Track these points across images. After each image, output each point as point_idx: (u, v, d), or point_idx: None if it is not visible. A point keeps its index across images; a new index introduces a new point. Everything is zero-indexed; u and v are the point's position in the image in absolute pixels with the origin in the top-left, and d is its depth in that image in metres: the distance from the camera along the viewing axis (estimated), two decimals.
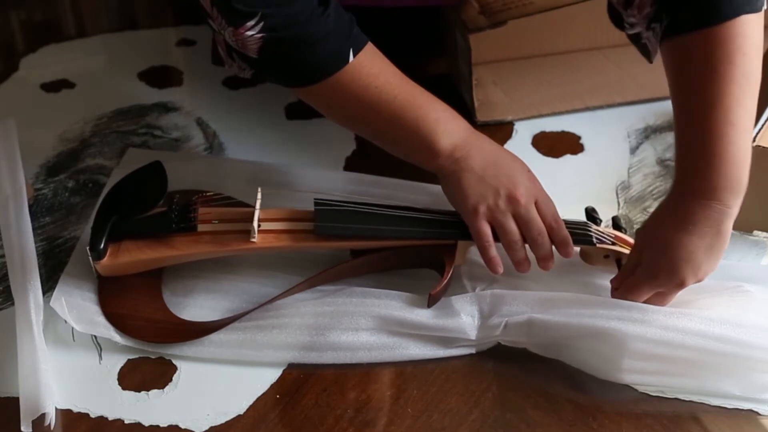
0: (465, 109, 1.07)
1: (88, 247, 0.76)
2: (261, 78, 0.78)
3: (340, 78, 0.75)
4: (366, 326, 0.75)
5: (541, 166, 0.99)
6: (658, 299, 0.74)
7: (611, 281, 0.77)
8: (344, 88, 0.76)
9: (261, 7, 0.70)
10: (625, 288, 0.75)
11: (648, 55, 0.79)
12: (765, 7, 0.73)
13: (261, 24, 0.70)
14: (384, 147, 0.81)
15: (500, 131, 1.05)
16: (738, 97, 0.69)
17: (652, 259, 0.73)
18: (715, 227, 0.70)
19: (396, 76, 0.77)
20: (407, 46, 1.16)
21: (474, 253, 0.79)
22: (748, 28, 0.70)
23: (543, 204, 0.77)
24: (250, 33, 0.71)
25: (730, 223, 0.71)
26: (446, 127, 0.77)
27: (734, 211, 0.71)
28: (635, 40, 0.80)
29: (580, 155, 1.02)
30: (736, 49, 0.69)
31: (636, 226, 0.88)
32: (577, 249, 0.80)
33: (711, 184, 0.69)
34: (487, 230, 0.75)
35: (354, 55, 0.75)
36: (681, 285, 0.72)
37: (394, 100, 0.76)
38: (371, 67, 0.76)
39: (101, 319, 0.76)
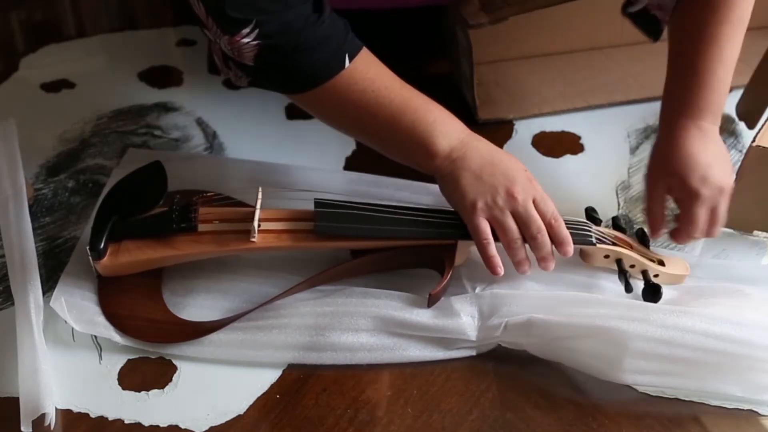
0: (466, 107, 1.07)
1: (88, 247, 0.76)
2: (257, 86, 0.78)
3: (336, 83, 0.75)
4: (366, 327, 0.75)
5: (541, 166, 0.99)
6: (714, 216, 0.78)
7: (673, 237, 0.80)
8: (340, 93, 0.76)
9: (255, 14, 0.70)
10: (682, 229, 0.79)
11: (655, 31, 0.85)
12: None
13: (256, 31, 0.70)
14: (381, 151, 0.81)
15: (500, 131, 1.05)
16: (729, 37, 0.78)
17: (683, 182, 0.77)
18: (709, 137, 0.79)
19: (392, 80, 0.77)
20: (408, 47, 1.16)
21: (474, 253, 0.79)
22: None
23: (541, 202, 0.76)
24: (245, 41, 0.71)
25: (717, 136, 0.80)
26: (443, 129, 0.77)
27: (716, 129, 0.80)
28: (641, 16, 0.85)
29: (580, 155, 1.02)
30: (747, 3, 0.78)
31: (636, 226, 0.88)
32: (577, 249, 0.80)
33: (699, 107, 0.79)
34: (485, 227, 0.75)
35: (350, 61, 0.75)
36: (722, 191, 0.77)
37: (390, 104, 0.76)
38: (367, 72, 0.76)
39: (101, 319, 0.76)
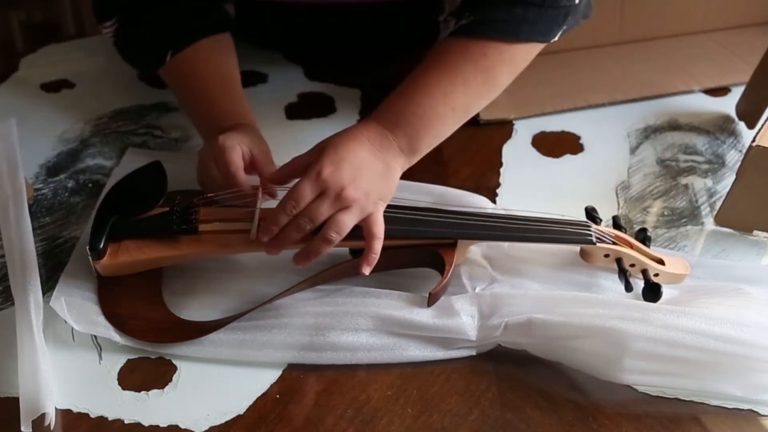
0: None
1: (87, 247, 0.76)
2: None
3: (163, 72, 0.93)
4: (366, 326, 0.75)
5: (541, 166, 0.99)
6: (319, 206, 0.72)
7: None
8: (169, 79, 0.94)
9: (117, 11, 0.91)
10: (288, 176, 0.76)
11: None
12: (555, 39, 0.82)
13: (115, 26, 0.93)
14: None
15: (500, 131, 1.05)
16: (459, 84, 0.78)
17: (322, 156, 0.73)
18: (385, 156, 0.76)
19: (206, 80, 0.90)
20: (408, 46, 1.16)
21: (474, 252, 0.79)
22: (524, 51, 0.81)
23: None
24: (106, 31, 0.94)
25: (397, 164, 0.77)
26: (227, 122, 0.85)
27: (403, 158, 0.78)
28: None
29: (580, 155, 1.02)
30: (501, 62, 0.80)
31: (636, 226, 0.88)
32: (578, 248, 0.81)
33: (389, 117, 0.77)
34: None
35: (172, 56, 0.90)
36: (340, 192, 0.71)
37: (199, 99, 0.90)
38: (190, 67, 0.90)
39: (101, 318, 0.76)
